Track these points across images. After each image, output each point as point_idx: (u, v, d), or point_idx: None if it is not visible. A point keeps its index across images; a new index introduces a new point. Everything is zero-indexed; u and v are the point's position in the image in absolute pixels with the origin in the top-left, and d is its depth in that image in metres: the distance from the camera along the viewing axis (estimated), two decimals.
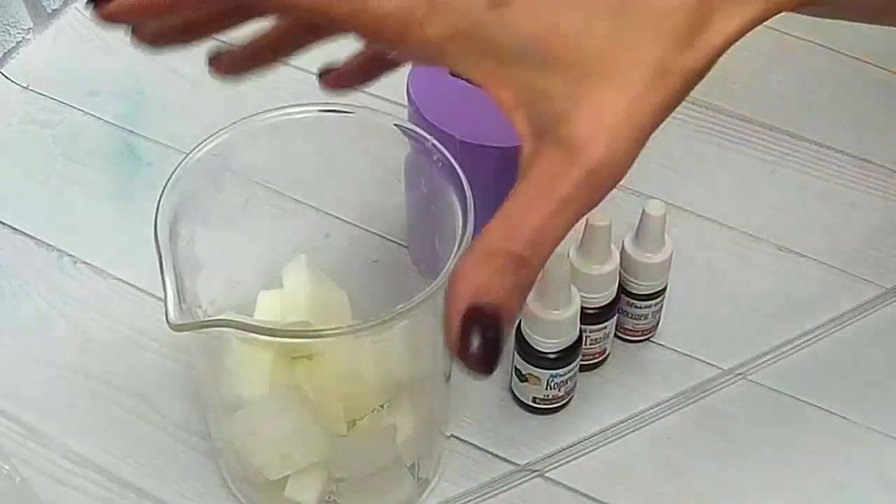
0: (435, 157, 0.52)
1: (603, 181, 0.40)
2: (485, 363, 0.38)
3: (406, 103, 0.60)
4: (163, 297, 0.47)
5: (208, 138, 0.53)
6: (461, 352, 0.38)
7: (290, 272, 0.58)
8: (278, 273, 0.58)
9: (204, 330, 0.48)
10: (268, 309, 0.58)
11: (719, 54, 0.40)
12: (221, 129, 0.53)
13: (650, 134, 0.40)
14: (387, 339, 0.53)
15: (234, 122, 0.53)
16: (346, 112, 0.54)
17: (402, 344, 0.53)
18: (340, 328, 0.48)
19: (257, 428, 0.54)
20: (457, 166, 0.51)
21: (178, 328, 0.47)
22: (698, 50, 0.39)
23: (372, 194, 0.63)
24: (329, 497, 0.56)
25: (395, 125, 0.54)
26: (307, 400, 0.53)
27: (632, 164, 0.40)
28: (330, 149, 0.56)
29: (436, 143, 0.53)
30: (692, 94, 0.62)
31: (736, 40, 0.40)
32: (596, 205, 0.40)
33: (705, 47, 0.39)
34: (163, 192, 0.51)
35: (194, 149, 0.52)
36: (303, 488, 0.55)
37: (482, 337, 0.38)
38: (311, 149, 0.56)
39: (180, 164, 0.52)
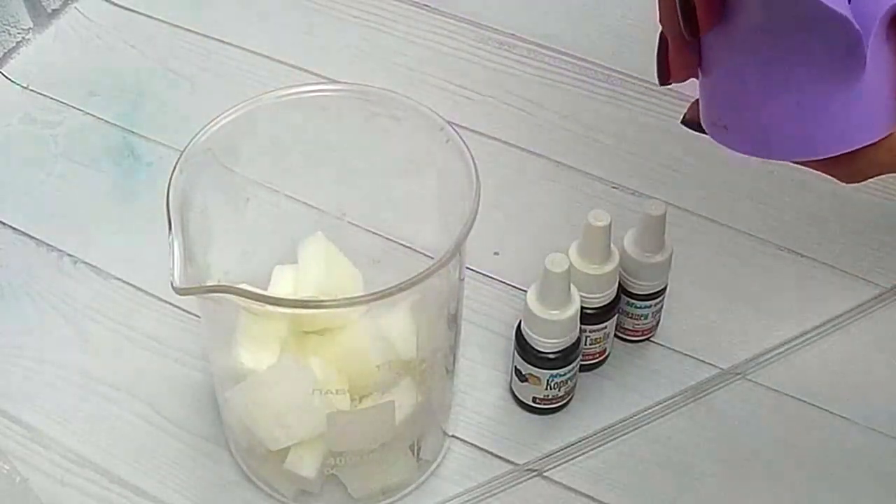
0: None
1: None
2: None
3: None
4: (170, 264, 0.48)
5: (222, 114, 0.53)
6: None
7: (306, 248, 0.58)
8: (294, 249, 0.58)
9: (208, 296, 0.48)
10: (282, 283, 0.58)
11: None
12: (235, 106, 0.53)
13: None
14: (393, 318, 0.53)
15: (250, 98, 0.54)
16: (359, 89, 0.55)
17: (407, 323, 0.54)
18: (342, 299, 0.49)
19: (260, 398, 0.54)
20: (465, 147, 0.52)
21: (182, 292, 0.48)
22: None
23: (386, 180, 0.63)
24: (329, 471, 0.56)
25: None
26: (310, 373, 0.53)
27: None
28: (347, 126, 0.57)
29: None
30: (693, 94, 0.61)
31: None
32: None
33: None
34: (176, 163, 0.51)
35: (208, 124, 0.53)
36: (303, 460, 0.55)
37: None
38: (324, 127, 0.56)
39: (194, 137, 0.52)
